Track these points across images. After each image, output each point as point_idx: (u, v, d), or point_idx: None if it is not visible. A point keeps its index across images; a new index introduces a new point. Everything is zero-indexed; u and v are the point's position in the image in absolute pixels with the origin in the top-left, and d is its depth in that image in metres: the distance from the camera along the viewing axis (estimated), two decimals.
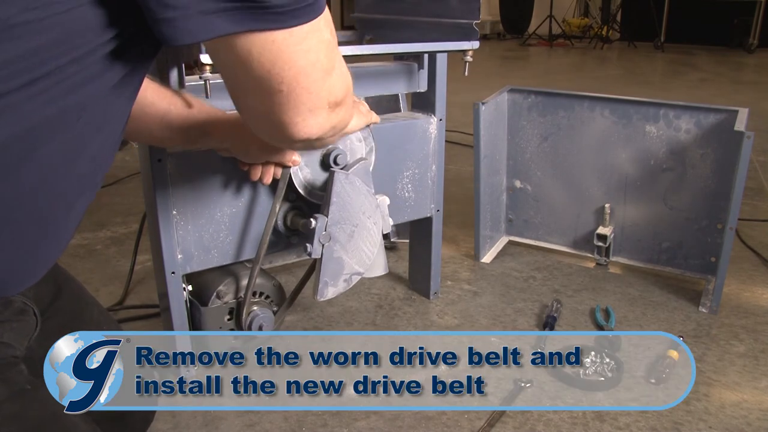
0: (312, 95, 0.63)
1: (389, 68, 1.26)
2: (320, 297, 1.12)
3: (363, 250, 1.12)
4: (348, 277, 1.13)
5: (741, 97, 4.23)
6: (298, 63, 0.59)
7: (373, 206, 1.10)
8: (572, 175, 1.71)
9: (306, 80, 0.61)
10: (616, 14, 7.98)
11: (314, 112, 0.64)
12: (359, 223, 1.09)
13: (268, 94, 0.61)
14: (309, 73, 0.61)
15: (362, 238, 1.11)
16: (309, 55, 0.60)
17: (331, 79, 0.64)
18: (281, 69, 0.59)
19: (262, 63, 0.58)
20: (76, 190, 0.63)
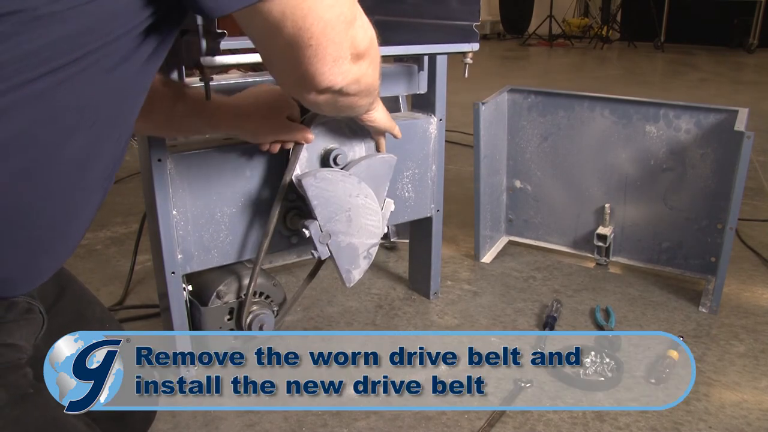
0: (337, 45, 0.65)
1: (389, 70, 1.26)
2: (349, 283, 1.15)
3: (367, 225, 1.13)
4: (366, 253, 1.13)
5: (741, 97, 4.23)
6: (325, 17, 0.62)
7: (356, 184, 1.10)
8: (572, 175, 1.71)
9: (332, 32, 0.64)
10: (616, 14, 7.97)
11: (338, 61, 0.67)
12: (351, 206, 1.10)
13: (299, 50, 0.64)
14: (335, 25, 0.64)
15: (362, 215, 1.11)
16: (334, 8, 0.63)
17: (353, 30, 0.67)
18: (311, 24, 0.62)
19: (295, 21, 0.61)
20: (88, 191, 0.64)
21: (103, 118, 0.60)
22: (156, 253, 1.13)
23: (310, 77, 0.67)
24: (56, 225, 0.61)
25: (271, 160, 1.14)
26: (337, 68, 0.68)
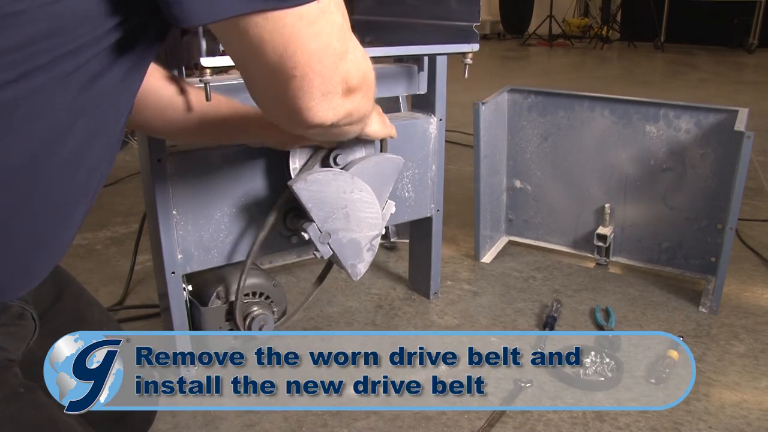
0: (325, 79, 0.62)
1: (389, 70, 1.26)
2: (356, 277, 1.15)
3: (366, 218, 1.13)
4: (369, 245, 1.13)
5: (741, 97, 4.23)
6: (310, 46, 0.59)
7: (348, 180, 1.10)
8: (572, 175, 1.71)
9: (319, 64, 0.60)
10: (616, 14, 7.98)
11: (327, 96, 0.64)
12: (346, 203, 1.10)
13: (282, 80, 0.61)
14: (321, 57, 0.60)
15: (359, 209, 1.11)
16: (321, 38, 0.59)
17: (345, 64, 0.64)
18: (294, 53, 0.58)
19: (275, 47, 0.57)
20: (75, 198, 0.63)
21: (82, 133, 0.58)
22: (156, 253, 1.13)
23: (298, 112, 0.64)
24: (41, 232, 0.61)
25: (271, 160, 1.14)
26: (327, 104, 0.64)
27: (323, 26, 0.59)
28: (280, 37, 0.57)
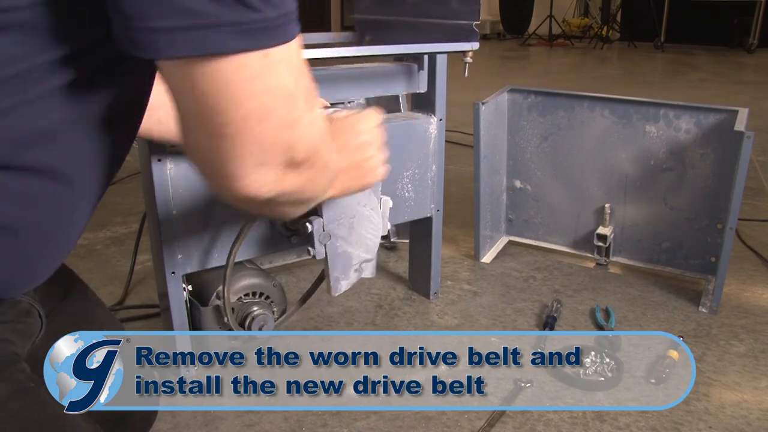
0: (262, 147, 0.54)
1: (389, 69, 1.26)
2: (335, 292, 1.12)
3: (367, 238, 1.12)
4: (358, 266, 1.13)
5: (741, 97, 4.23)
6: (246, 104, 0.52)
7: (367, 194, 1.09)
8: (572, 175, 1.71)
9: (257, 127, 0.53)
10: (616, 14, 7.98)
11: (263, 168, 0.55)
12: (356, 214, 1.09)
13: (212, 137, 0.53)
14: (262, 119, 0.53)
15: (363, 227, 1.11)
16: (262, 98, 0.52)
17: (290, 133, 0.56)
18: (226, 107, 0.51)
19: (206, 95, 0.51)
20: (82, 195, 0.63)
21: (83, 136, 0.57)
22: (156, 253, 1.13)
23: (226, 178, 0.55)
24: (48, 229, 0.61)
25: None
26: (261, 177, 0.55)
27: (268, 85, 0.52)
28: (212, 85, 0.50)
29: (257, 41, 0.50)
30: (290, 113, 0.55)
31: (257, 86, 0.51)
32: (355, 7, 1.56)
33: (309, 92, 0.57)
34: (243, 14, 0.49)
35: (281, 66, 0.53)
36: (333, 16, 8.21)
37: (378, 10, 1.48)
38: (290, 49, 0.53)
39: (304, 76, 0.56)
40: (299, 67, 0.55)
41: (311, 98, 0.58)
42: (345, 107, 1.15)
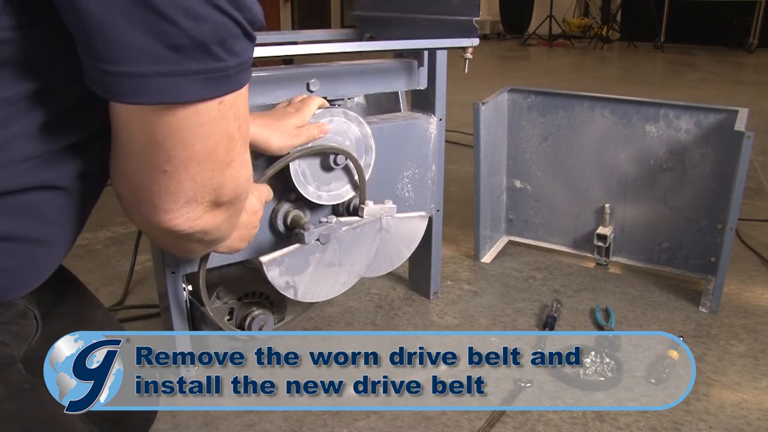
0: (196, 186, 0.56)
1: (389, 65, 1.26)
2: (280, 289, 1.11)
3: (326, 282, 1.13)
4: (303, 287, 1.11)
5: (741, 97, 4.23)
6: (193, 146, 0.53)
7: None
8: (572, 175, 1.71)
9: (196, 168, 0.55)
10: (616, 14, 7.98)
11: (191, 205, 0.57)
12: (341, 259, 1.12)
13: (150, 170, 0.54)
14: (202, 161, 0.55)
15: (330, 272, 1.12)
16: (208, 142, 0.54)
17: (222, 176, 0.57)
18: (173, 147, 0.53)
19: (155, 134, 0.52)
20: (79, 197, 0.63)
21: None
22: (156, 253, 1.13)
23: (153, 210, 0.57)
24: (44, 231, 0.61)
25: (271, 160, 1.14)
26: (188, 212, 0.58)
27: (215, 130, 0.54)
28: (166, 126, 0.52)
29: (217, 89, 0.52)
30: (229, 156, 0.57)
31: (207, 131, 0.53)
32: (355, 4, 1.56)
33: (246, 135, 0.59)
34: (207, 63, 0.50)
35: (230, 112, 0.55)
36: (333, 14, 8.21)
37: (378, 6, 1.48)
38: (241, 95, 0.56)
39: (247, 120, 0.59)
40: (244, 112, 0.57)
41: (246, 141, 0.60)
42: (345, 104, 1.15)
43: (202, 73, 0.50)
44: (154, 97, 0.49)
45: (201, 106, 0.52)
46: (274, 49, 1.04)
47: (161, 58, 0.48)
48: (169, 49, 0.48)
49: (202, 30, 0.49)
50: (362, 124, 1.13)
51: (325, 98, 1.14)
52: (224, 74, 0.52)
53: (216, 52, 0.50)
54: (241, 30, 0.52)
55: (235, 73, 0.53)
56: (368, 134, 1.15)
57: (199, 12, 0.48)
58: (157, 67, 0.48)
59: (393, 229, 1.20)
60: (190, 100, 0.51)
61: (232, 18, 0.51)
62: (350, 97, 1.42)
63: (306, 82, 1.12)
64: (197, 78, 0.50)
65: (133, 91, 0.48)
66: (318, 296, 1.10)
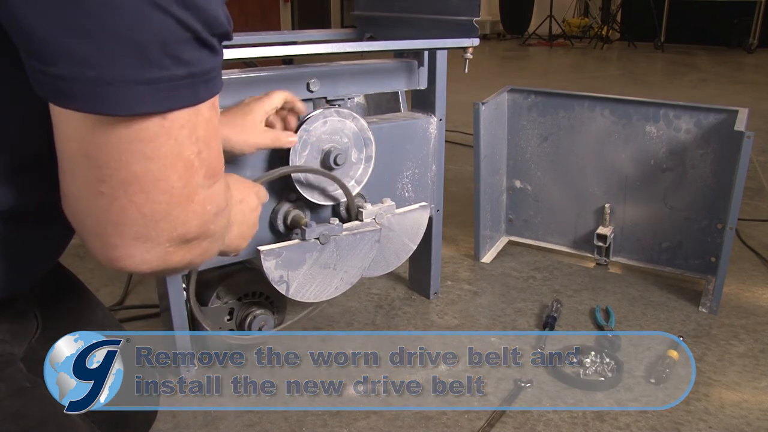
0: (146, 220, 0.47)
1: (389, 65, 1.26)
2: (274, 282, 1.10)
3: (319, 283, 1.13)
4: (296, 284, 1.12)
5: (741, 97, 4.23)
6: (131, 166, 0.45)
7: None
8: (572, 175, 1.71)
9: (141, 197, 0.46)
10: (616, 14, 7.97)
11: (144, 243, 0.48)
12: (336, 263, 1.11)
13: (86, 189, 0.47)
14: (146, 189, 0.46)
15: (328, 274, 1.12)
16: (151, 164, 0.45)
17: (183, 211, 0.49)
18: (106, 163, 0.45)
19: (87, 143, 0.45)
20: None
21: None
22: None
23: (98, 241, 0.49)
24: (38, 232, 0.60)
25: (271, 160, 1.14)
26: (139, 252, 0.49)
27: (161, 152, 0.46)
28: (97, 137, 0.45)
29: (158, 103, 0.44)
30: (185, 187, 0.48)
31: (147, 151, 0.45)
32: (355, 4, 1.56)
33: (213, 165, 0.51)
34: (145, 71, 0.43)
35: (182, 133, 0.46)
36: (333, 14, 8.21)
37: (378, 6, 1.48)
38: (199, 114, 0.47)
39: (213, 145, 0.50)
40: (207, 136, 0.49)
41: (215, 172, 0.51)
42: (344, 104, 1.15)
43: (135, 81, 0.43)
44: (80, 104, 0.43)
45: (136, 120, 0.44)
46: (274, 49, 1.04)
47: (88, 61, 0.42)
48: (98, 52, 0.42)
49: (135, 30, 0.42)
50: (356, 118, 1.13)
51: (325, 98, 1.15)
52: (167, 85, 0.44)
53: (155, 57, 0.43)
54: (191, 34, 0.45)
55: (183, 86, 0.45)
56: (364, 127, 1.14)
57: (132, 8, 0.42)
58: (91, 73, 0.42)
59: (396, 225, 1.20)
60: (118, 113, 0.44)
61: (177, 18, 0.44)
62: (350, 97, 1.42)
63: (306, 82, 1.12)
64: (128, 86, 0.43)
65: (61, 94, 0.43)
66: (309, 296, 1.10)
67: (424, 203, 1.26)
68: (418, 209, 1.23)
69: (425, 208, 1.25)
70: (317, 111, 1.09)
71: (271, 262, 1.05)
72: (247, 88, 1.06)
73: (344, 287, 1.14)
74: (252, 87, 1.07)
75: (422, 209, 1.24)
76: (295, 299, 1.10)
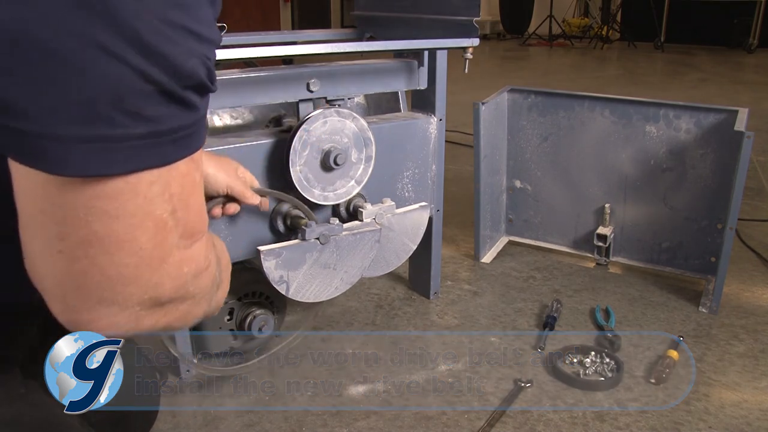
0: (111, 282, 0.43)
1: (389, 65, 1.26)
2: (273, 282, 1.10)
3: (318, 282, 1.13)
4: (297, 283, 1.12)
5: (741, 97, 4.23)
6: (90, 226, 0.41)
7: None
8: (572, 175, 1.71)
9: (103, 258, 0.42)
10: (616, 14, 7.97)
11: (109, 306, 0.44)
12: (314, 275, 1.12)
13: (44, 247, 0.43)
14: (110, 251, 0.42)
15: (327, 274, 1.13)
16: (114, 225, 0.41)
17: (155, 274, 0.45)
18: (62, 221, 0.41)
19: (40, 199, 0.41)
20: None
21: None
22: None
23: (57, 302, 0.45)
24: None
25: (271, 160, 1.14)
26: (108, 315, 0.45)
27: (126, 210, 0.41)
28: (52, 193, 0.40)
29: (111, 164, 0.40)
30: (156, 248, 0.44)
31: (110, 210, 0.41)
32: (355, 4, 1.56)
33: (192, 224, 0.47)
34: (92, 128, 0.38)
35: (152, 189, 0.42)
36: (333, 14, 8.21)
37: (378, 6, 1.48)
38: (173, 170, 0.43)
39: (191, 203, 0.46)
40: (185, 192, 0.45)
41: (193, 231, 0.47)
42: (344, 104, 1.15)
43: (80, 140, 0.38)
44: (24, 159, 0.39)
45: (92, 181, 0.40)
46: (274, 49, 1.04)
47: (28, 114, 0.38)
48: (38, 105, 0.38)
49: (84, 82, 0.38)
50: (356, 118, 1.13)
51: (325, 98, 1.15)
52: (122, 145, 0.39)
53: (105, 113, 0.38)
54: (154, 87, 0.40)
55: (144, 146, 0.40)
56: (364, 127, 1.14)
57: (80, 57, 0.37)
58: (25, 124, 0.38)
59: (396, 225, 1.20)
60: (65, 173, 0.39)
61: (135, 69, 0.38)
62: (350, 97, 1.42)
63: (306, 82, 1.12)
64: (72, 145, 0.38)
65: (6, 146, 0.39)
66: (309, 296, 1.11)
67: (424, 203, 1.26)
68: (418, 209, 1.24)
69: (425, 208, 1.25)
70: (317, 111, 1.09)
71: (271, 262, 1.05)
72: (248, 88, 1.06)
73: (344, 287, 1.14)
74: (252, 87, 1.07)
75: (422, 209, 1.24)
76: (295, 299, 1.10)
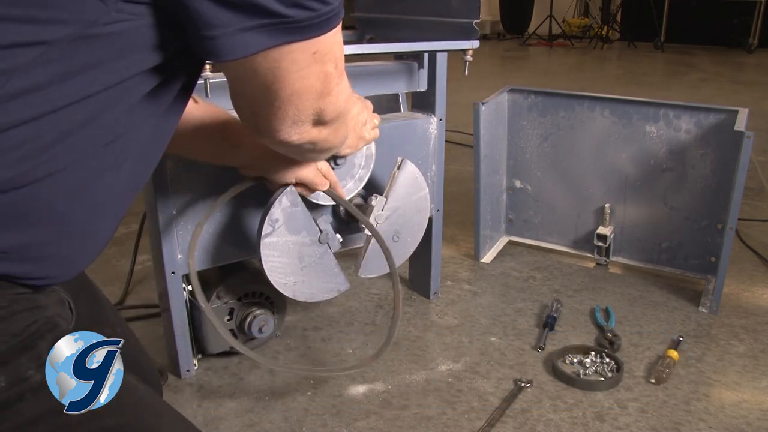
0: (299, 111, 0.69)
1: (389, 67, 1.26)
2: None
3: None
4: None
5: (741, 97, 4.23)
6: (294, 86, 0.65)
7: None
8: (572, 175, 1.71)
9: (298, 100, 0.68)
10: (616, 14, 7.98)
11: (297, 124, 0.71)
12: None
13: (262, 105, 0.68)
14: (301, 95, 0.67)
15: None
16: (305, 81, 0.66)
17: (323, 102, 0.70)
18: (279, 89, 0.65)
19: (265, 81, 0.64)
20: (120, 191, 0.67)
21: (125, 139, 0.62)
22: (156, 253, 1.13)
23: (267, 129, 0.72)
24: (84, 223, 0.63)
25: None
26: (295, 128, 0.72)
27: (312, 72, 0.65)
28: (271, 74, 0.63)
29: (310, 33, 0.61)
30: (326, 88, 0.69)
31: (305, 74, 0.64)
32: (355, 5, 1.56)
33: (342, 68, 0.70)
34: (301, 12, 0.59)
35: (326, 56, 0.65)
36: None
37: (378, 8, 1.48)
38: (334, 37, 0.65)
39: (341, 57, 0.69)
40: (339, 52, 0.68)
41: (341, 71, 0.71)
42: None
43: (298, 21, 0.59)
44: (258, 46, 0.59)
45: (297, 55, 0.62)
46: None
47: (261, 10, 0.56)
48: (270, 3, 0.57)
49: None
50: None
51: None
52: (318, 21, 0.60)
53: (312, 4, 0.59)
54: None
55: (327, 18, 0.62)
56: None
57: None
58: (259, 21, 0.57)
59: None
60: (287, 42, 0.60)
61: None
62: None
63: None
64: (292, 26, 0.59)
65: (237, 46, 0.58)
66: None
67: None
68: (408, 165, 1.24)
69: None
70: None
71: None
72: None
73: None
74: None
75: (406, 163, 1.24)
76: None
